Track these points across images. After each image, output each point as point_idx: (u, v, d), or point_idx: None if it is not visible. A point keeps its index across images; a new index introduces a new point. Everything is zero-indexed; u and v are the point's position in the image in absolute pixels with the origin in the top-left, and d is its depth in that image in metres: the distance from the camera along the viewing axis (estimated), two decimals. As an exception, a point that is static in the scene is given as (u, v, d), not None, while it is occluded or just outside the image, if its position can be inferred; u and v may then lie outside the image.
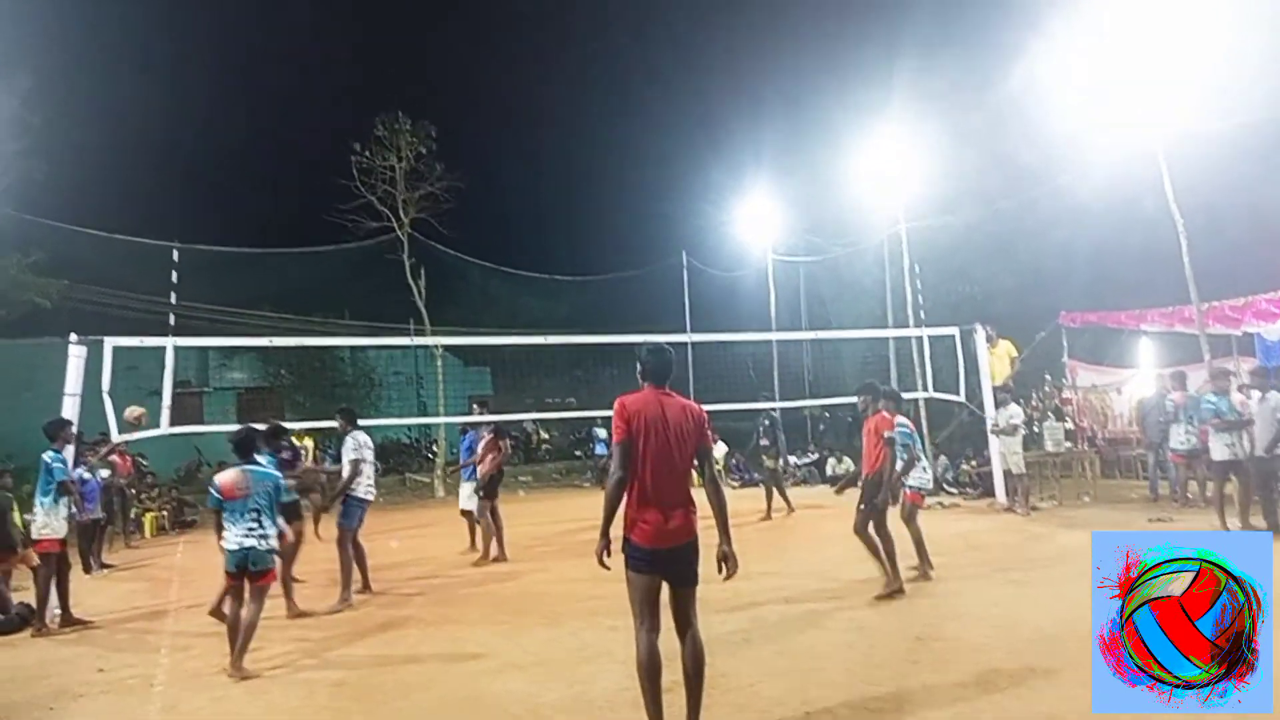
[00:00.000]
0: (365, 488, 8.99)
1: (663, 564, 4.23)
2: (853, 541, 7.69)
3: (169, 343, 10.28)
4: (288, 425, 9.34)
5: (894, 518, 7.78)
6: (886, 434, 7.55)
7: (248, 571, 6.25)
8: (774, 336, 21.04)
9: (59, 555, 8.21)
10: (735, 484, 19.12)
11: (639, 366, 4.54)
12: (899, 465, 7.71)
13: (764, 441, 13.61)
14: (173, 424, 10.56)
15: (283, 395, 26.64)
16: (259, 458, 6.75)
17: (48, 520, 8.11)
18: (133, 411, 10.61)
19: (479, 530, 10.81)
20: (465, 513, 11.18)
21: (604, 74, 53.75)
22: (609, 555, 4.28)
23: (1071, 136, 15.31)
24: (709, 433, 4.56)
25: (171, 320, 17.23)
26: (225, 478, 6.41)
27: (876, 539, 7.48)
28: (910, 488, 8.37)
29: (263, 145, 38.89)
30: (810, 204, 22.59)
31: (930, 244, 18.71)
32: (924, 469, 8.66)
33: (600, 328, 16.16)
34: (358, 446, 8.95)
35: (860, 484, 7.88)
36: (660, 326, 21.83)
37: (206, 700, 5.67)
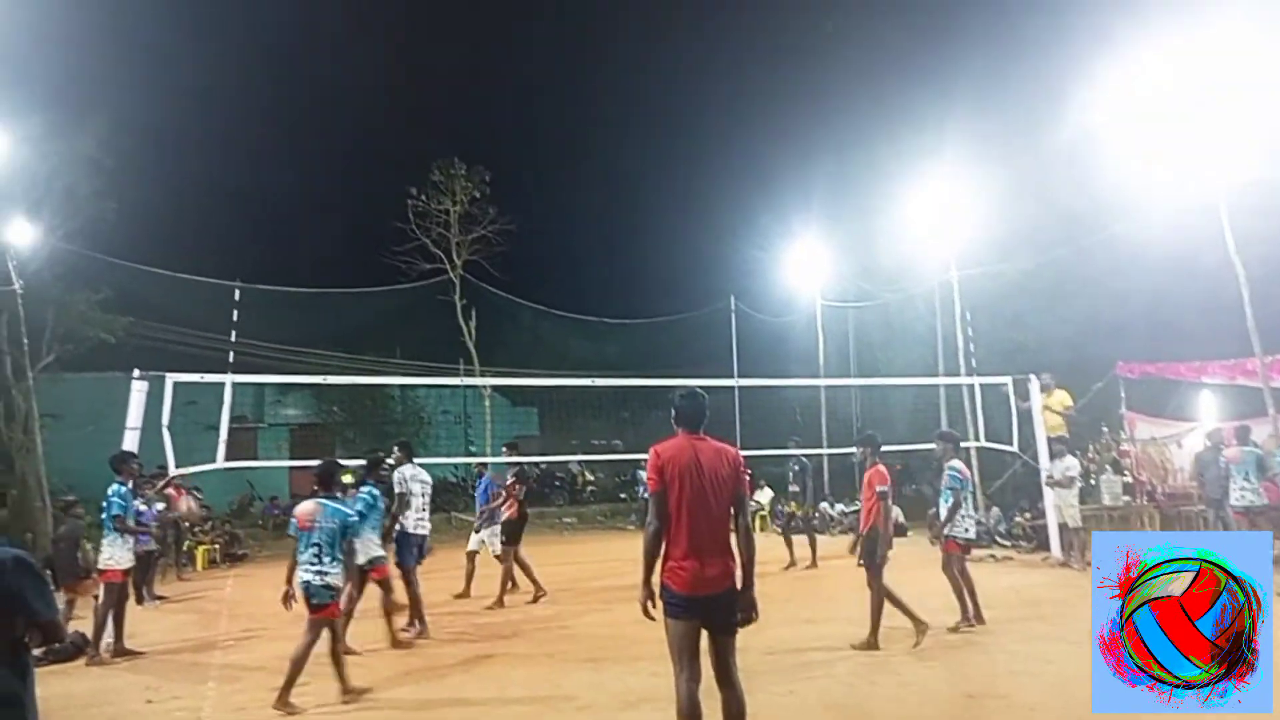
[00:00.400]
0: (415, 521, 8.96)
1: (700, 610, 4.19)
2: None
3: (228, 379, 10.54)
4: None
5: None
6: (879, 488, 7.42)
7: (308, 603, 6.26)
8: (821, 382, 20.88)
9: (120, 585, 8.38)
10: (779, 531, 18.86)
11: (673, 412, 4.52)
12: (944, 509, 7.89)
13: (794, 487, 13.33)
14: (228, 459, 10.75)
15: (335, 432, 27.06)
16: (358, 489, 7.25)
17: (113, 551, 8.29)
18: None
19: (475, 574, 11.07)
20: (470, 554, 11.22)
21: (653, 120, 54.49)
22: (653, 605, 4.25)
23: (1128, 184, 15.06)
24: (745, 478, 4.52)
25: (231, 357, 17.65)
26: (302, 507, 6.52)
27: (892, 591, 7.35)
28: (950, 537, 8.16)
29: (322, 189, 40.20)
30: (860, 249, 22.45)
31: (983, 291, 18.48)
32: (966, 517, 8.36)
33: (647, 370, 16.23)
34: (403, 480, 8.97)
35: (859, 540, 7.76)
36: (707, 370, 21.80)
37: None
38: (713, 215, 43.37)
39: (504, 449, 11.90)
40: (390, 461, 9.33)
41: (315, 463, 7.03)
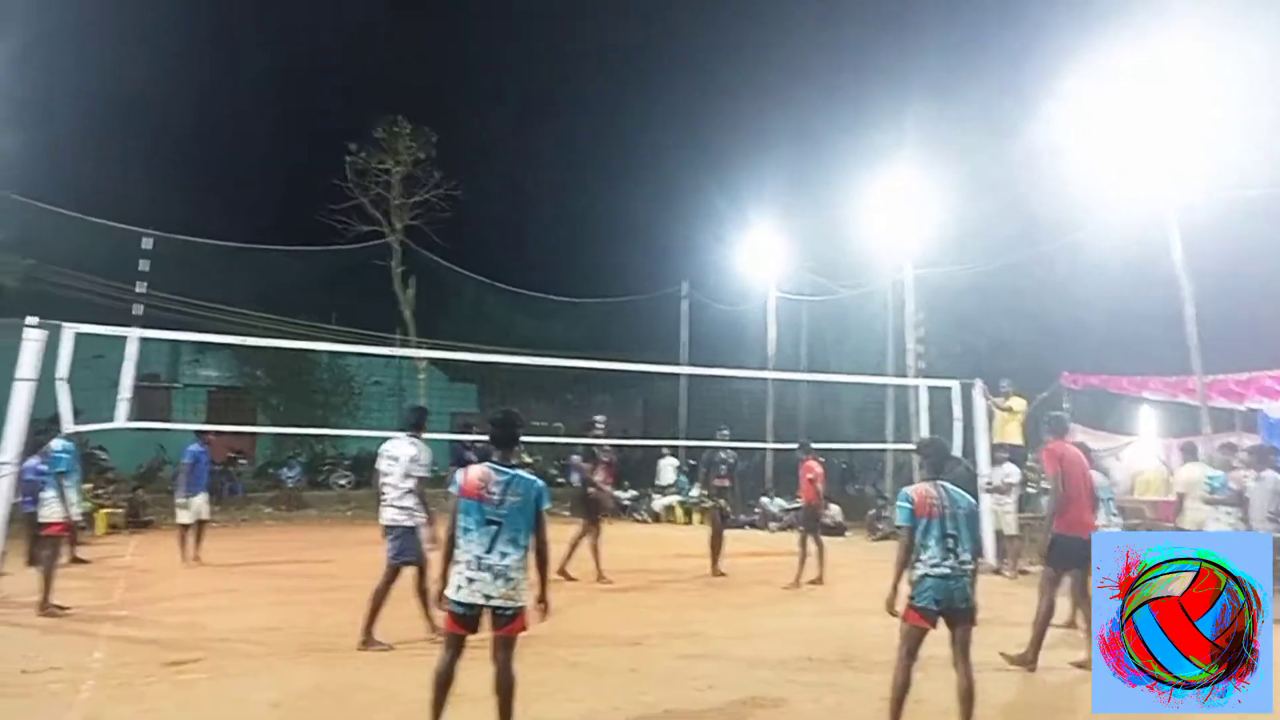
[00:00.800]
0: (385, 512, 7.13)
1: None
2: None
3: (133, 333, 9.60)
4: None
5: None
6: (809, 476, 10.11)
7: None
8: (769, 375, 20.53)
9: (58, 540, 8.55)
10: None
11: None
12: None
13: (722, 482, 12.02)
14: (135, 419, 10.06)
15: (257, 397, 25.84)
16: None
17: (54, 507, 8.34)
18: None
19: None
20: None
21: (610, 99, 53.50)
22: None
23: (1087, 194, 15.02)
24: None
25: (138, 310, 16.53)
26: (471, 474, 4.62)
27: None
28: None
29: (251, 136, 38.04)
30: (817, 242, 22.19)
31: (938, 291, 18.34)
32: None
33: (594, 353, 15.60)
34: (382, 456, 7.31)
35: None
36: (657, 356, 21.33)
37: (133, 711, 5.23)
38: (669, 198, 42.90)
39: (597, 420, 11.95)
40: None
41: (230, 428, 6.14)
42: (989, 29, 23.12)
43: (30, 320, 8.46)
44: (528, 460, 26.40)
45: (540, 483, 4.58)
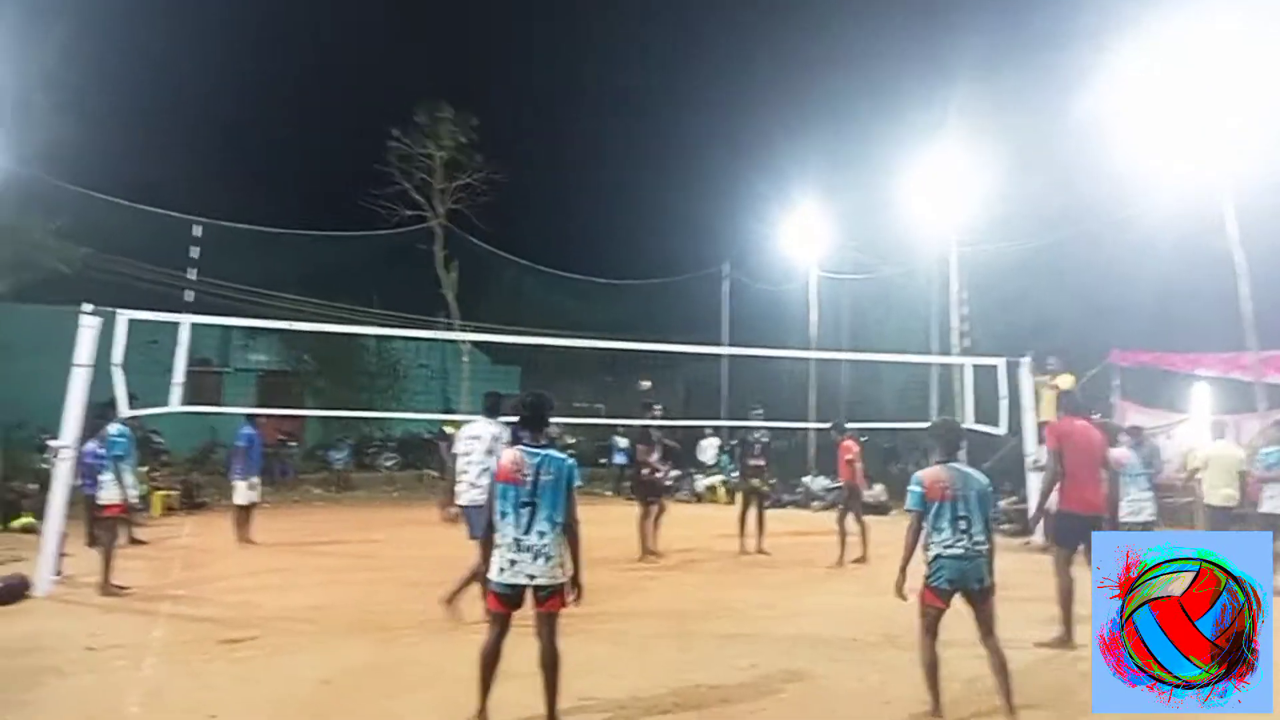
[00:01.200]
0: (468, 492, 7.19)
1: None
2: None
3: (185, 319, 9.82)
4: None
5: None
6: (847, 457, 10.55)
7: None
8: (810, 355, 20.38)
9: (115, 521, 8.81)
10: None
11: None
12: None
13: (756, 461, 12.01)
14: (187, 403, 10.28)
15: (304, 380, 26.28)
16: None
17: (112, 489, 8.59)
18: None
19: None
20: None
21: (650, 81, 53.36)
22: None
23: (1138, 169, 14.66)
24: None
25: (189, 296, 16.85)
26: (504, 458, 4.76)
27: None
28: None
29: (296, 124, 38.51)
30: (860, 221, 21.87)
31: (984, 268, 18.04)
32: (1138, 501, 8.34)
33: (636, 335, 15.63)
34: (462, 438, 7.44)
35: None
36: (698, 337, 21.28)
37: (191, 687, 5.40)
38: (709, 179, 42.73)
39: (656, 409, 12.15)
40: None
41: (280, 411, 6.23)
42: (1035, 2, 22.55)
43: (86, 307, 8.69)
44: (569, 441, 26.67)
45: (570, 460, 4.66)
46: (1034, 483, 12.23)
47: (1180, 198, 14.12)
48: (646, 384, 11.87)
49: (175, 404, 9.69)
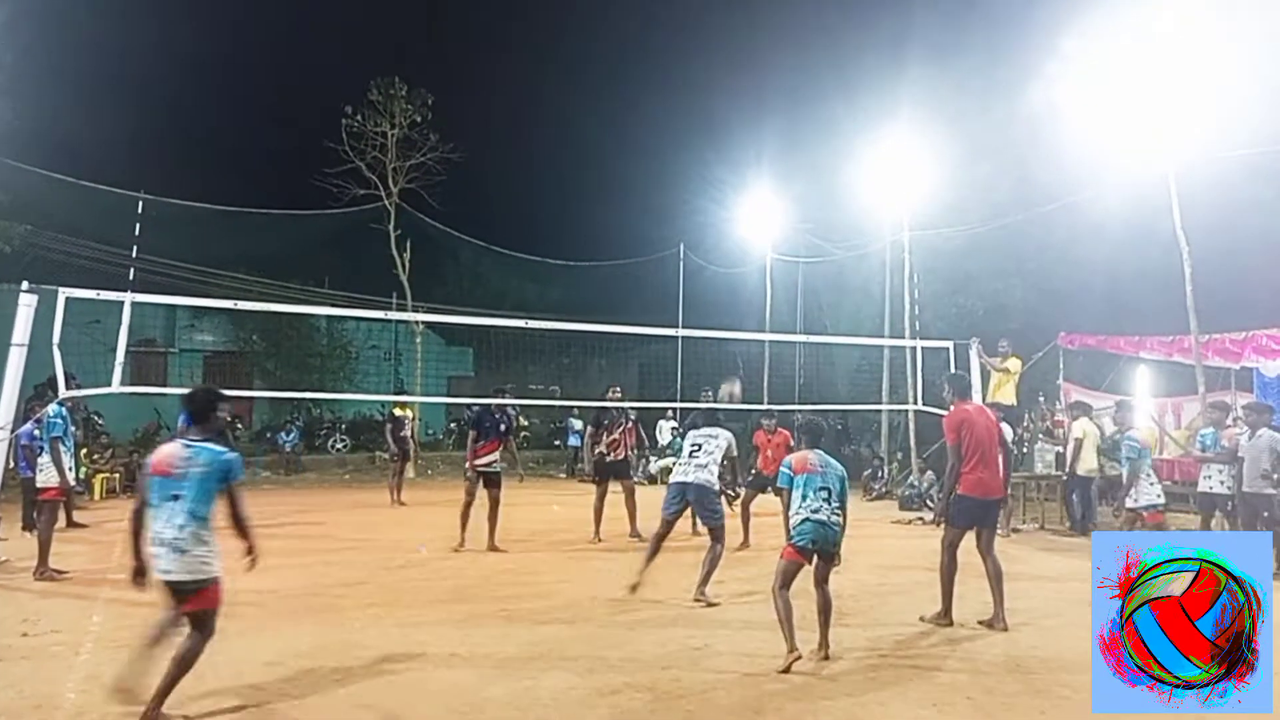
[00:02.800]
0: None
1: None
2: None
3: (126, 298, 9.56)
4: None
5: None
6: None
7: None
8: (765, 337, 20.47)
9: (55, 505, 8.54)
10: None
11: None
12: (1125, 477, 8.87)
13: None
14: (130, 384, 10.02)
15: (253, 361, 25.82)
16: None
17: (51, 471, 8.37)
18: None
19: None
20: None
21: (608, 62, 53.01)
22: None
23: (1087, 155, 14.90)
24: None
25: (132, 274, 16.41)
26: (160, 451, 5.17)
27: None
28: (1133, 510, 8.78)
29: (247, 100, 37.80)
30: (814, 204, 21.98)
31: (936, 252, 18.26)
32: (1151, 484, 8.84)
33: (591, 316, 15.53)
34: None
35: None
36: (653, 319, 21.19)
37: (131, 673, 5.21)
38: (665, 162, 42.69)
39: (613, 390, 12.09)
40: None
41: (227, 392, 6.12)
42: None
43: (24, 285, 8.44)
44: (524, 423, 26.56)
45: (229, 455, 4.61)
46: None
47: (1130, 183, 14.36)
48: (617, 392, 11.74)
49: (117, 385, 9.44)
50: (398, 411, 15.40)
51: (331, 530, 11.74)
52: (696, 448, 7.61)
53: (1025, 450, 14.41)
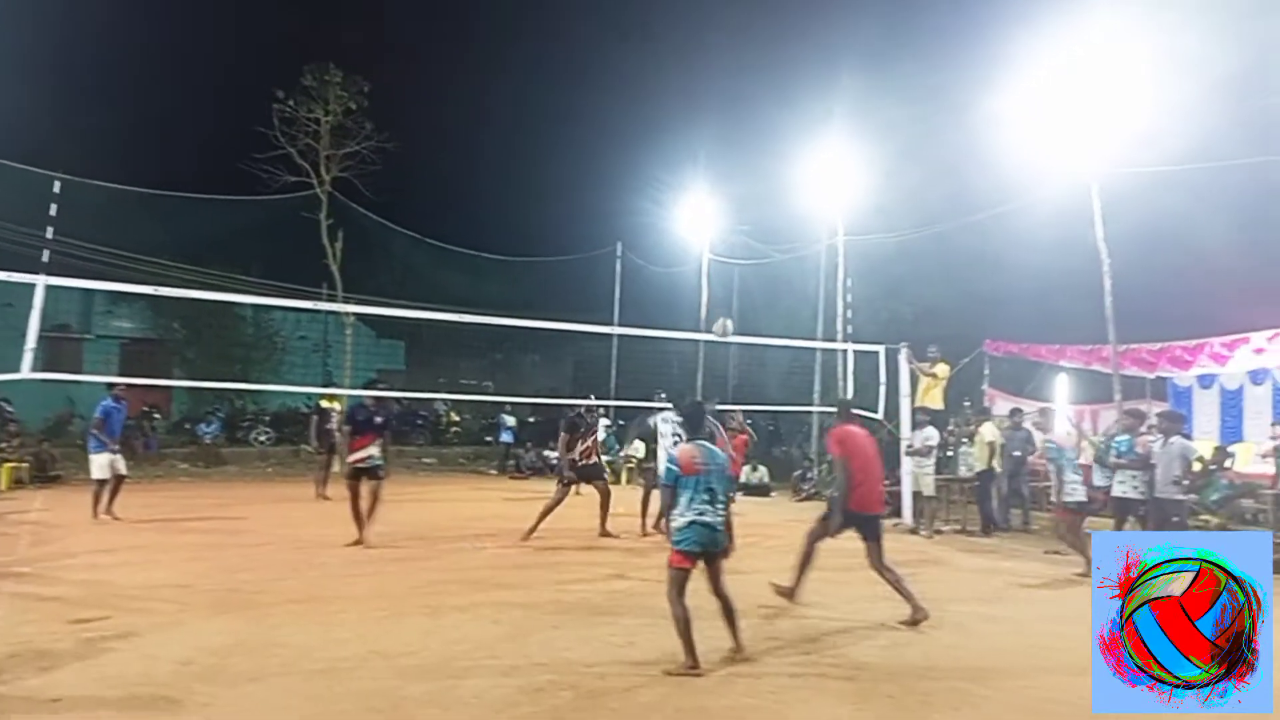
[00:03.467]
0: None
1: None
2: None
3: (40, 280, 9.12)
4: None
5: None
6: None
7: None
8: (699, 337, 20.57)
9: None
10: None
11: None
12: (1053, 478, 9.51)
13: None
14: (42, 370, 9.65)
15: (172, 350, 25.00)
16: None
17: None
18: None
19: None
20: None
21: (549, 62, 52.71)
22: None
23: (1016, 164, 15.29)
24: None
25: (46, 257, 15.73)
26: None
27: None
28: (1061, 504, 9.45)
29: (174, 80, 36.53)
30: (751, 206, 22.24)
31: (869, 257, 18.59)
32: (1073, 484, 9.36)
33: (526, 313, 15.37)
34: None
35: None
36: (589, 317, 21.13)
37: (35, 669, 5.08)
38: (604, 160, 42.60)
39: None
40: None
41: (145, 381, 5.89)
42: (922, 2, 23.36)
43: (-74, 266, 8.05)
44: (455, 419, 26.20)
45: None
46: (908, 466, 12.75)
47: (1057, 194, 14.76)
48: (593, 400, 11.75)
49: (28, 371, 9.01)
50: (325, 404, 15.06)
51: (252, 525, 11.41)
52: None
53: (950, 454, 14.72)
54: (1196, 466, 10.77)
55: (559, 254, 26.59)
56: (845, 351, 15.51)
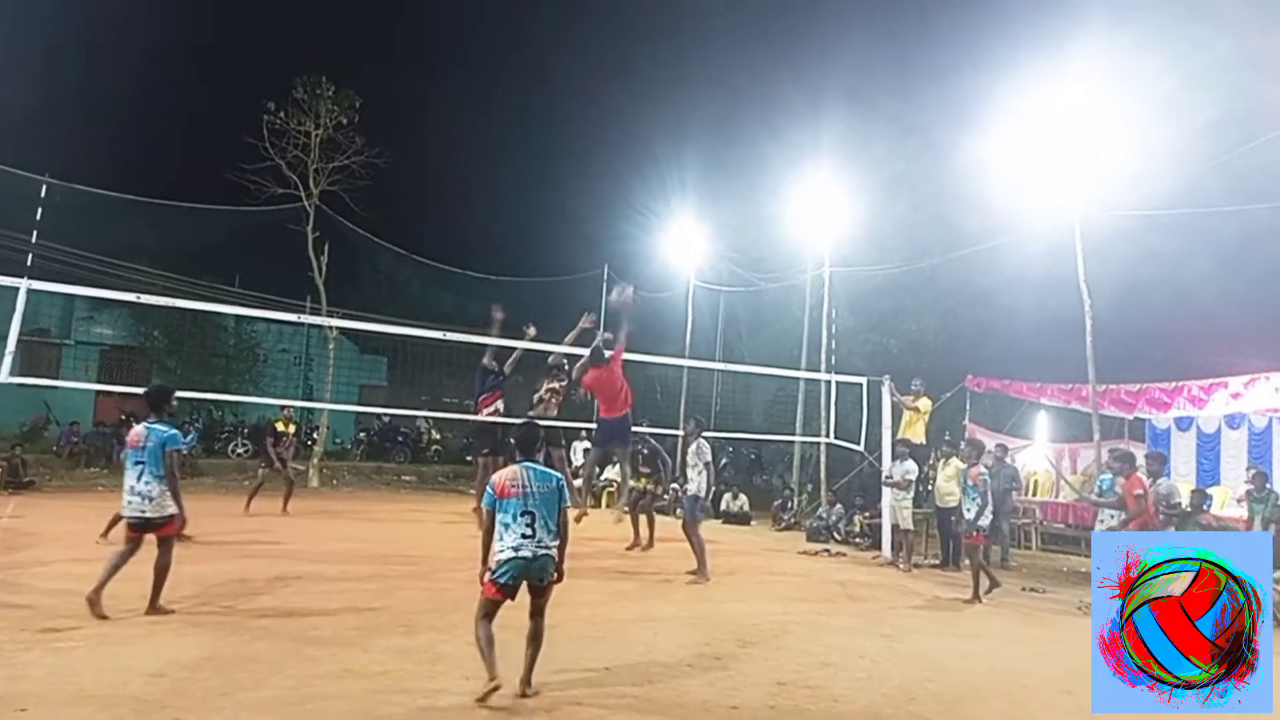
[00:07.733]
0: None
1: None
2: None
3: (22, 283, 9.04)
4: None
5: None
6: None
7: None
8: (684, 363, 20.59)
9: None
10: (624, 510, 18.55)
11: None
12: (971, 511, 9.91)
13: (644, 467, 12.71)
14: (19, 374, 9.41)
15: (153, 358, 24.77)
16: None
17: None
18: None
19: None
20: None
21: (539, 83, 52.98)
22: None
23: (1003, 203, 15.51)
24: None
25: (29, 260, 15.60)
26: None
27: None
28: (976, 530, 9.88)
29: (164, 89, 36.44)
30: (739, 234, 22.35)
31: (855, 289, 18.74)
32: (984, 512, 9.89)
33: (512, 332, 15.36)
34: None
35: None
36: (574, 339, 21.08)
37: (4, 678, 5.01)
38: (593, 183, 42.57)
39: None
40: None
41: (120, 388, 5.86)
42: (911, 42, 23.71)
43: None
44: (436, 436, 26.03)
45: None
46: (887, 498, 12.79)
47: (1041, 233, 14.96)
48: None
49: (5, 375, 8.90)
50: (280, 426, 14.75)
51: (227, 538, 11.26)
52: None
53: (929, 488, 14.78)
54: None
55: (547, 271, 26.67)
56: (829, 382, 15.57)
